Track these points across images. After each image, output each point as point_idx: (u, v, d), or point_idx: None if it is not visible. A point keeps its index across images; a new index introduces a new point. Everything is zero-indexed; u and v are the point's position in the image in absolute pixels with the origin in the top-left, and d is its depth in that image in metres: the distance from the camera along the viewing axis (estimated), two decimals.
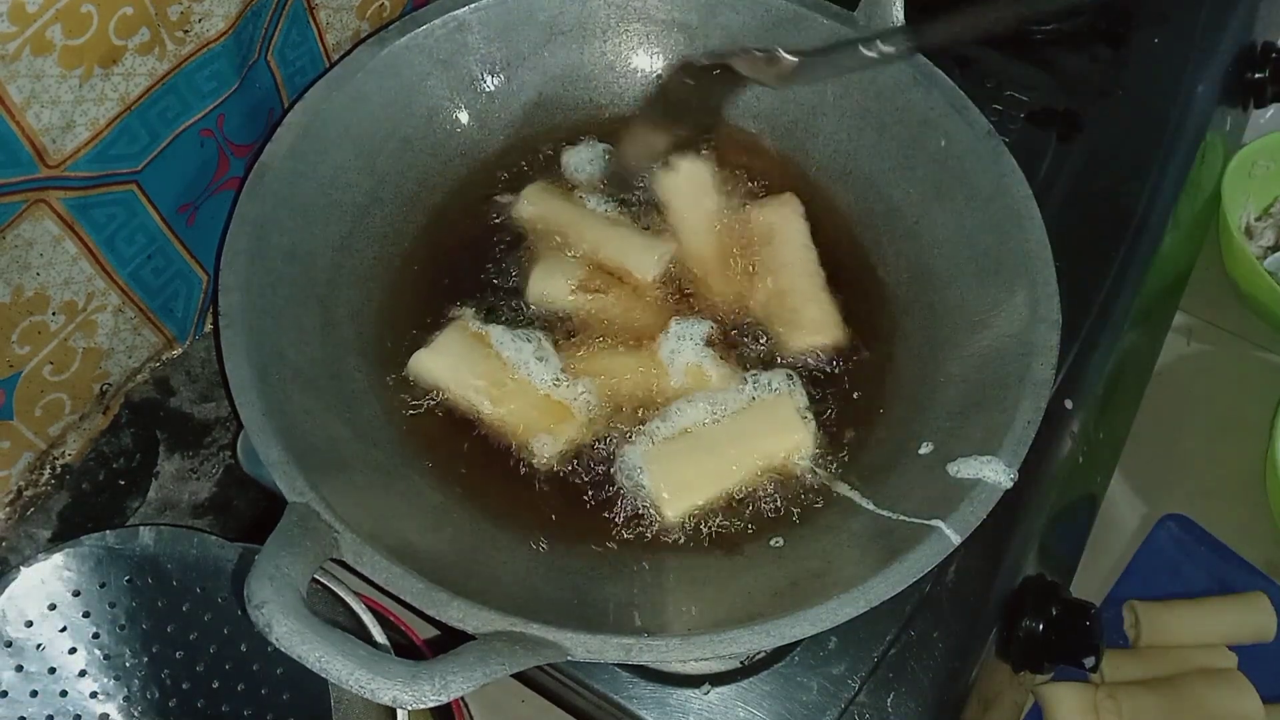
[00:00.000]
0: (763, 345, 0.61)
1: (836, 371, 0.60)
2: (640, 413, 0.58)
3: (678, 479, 0.55)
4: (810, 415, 0.58)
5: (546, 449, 0.57)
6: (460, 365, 0.58)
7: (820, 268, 0.63)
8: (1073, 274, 0.56)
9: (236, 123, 0.59)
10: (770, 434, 0.56)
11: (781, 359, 0.60)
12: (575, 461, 0.57)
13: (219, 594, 0.54)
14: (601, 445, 0.58)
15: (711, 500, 0.56)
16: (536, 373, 0.58)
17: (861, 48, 0.57)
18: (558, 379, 0.58)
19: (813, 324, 0.61)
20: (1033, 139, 0.76)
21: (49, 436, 0.56)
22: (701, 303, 0.62)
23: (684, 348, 0.59)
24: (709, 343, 0.60)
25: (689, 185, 0.66)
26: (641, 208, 0.66)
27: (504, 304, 0.62)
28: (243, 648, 0.56)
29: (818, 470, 0.56)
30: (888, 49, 0.56)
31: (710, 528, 0.55)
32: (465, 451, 0.57)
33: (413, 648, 0.58)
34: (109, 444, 0.60)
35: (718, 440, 0.57)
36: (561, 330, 0.61)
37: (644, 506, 0.55)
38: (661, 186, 0.66)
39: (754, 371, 0.59)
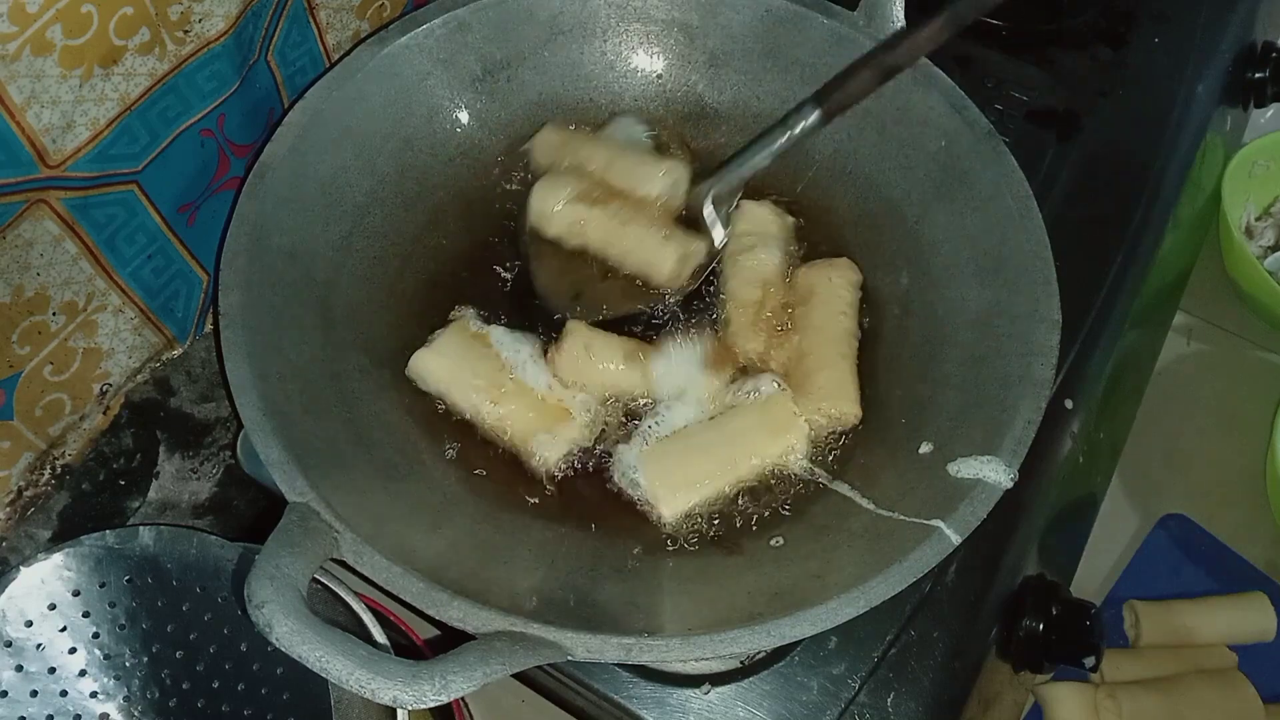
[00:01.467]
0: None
1: None
2: (637, 407, 0.59)
3: (674, 479, 0.55)
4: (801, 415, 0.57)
5: (546, 450, 0.57)
6: (459, 366, 0.58)
7: (853, 339, 0.61)
8: (1073, 274, 0.56)
9: (237, 123, 0.59)
10: (765, 433, 0.56)
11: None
12: (574, 462, 0.57)
13: (219, 594, 0.54)
14: (600, 445, 0.58)
15: (708, 499, 0.56)
16: (533, 374, 0.58)
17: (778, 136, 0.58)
18: (553, 381, 0.58)
19: (822, 391, 0.58)
20: (1033, 139, 0.75)
21: (49, 436, 0.56)
22: (724, 352, 0.61)
23: (675, 370, 0.59)
24: (704, 363, 0.59)
25: (750, 225, 0.65)
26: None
27: (504, 304, 0.62)
28: (243, 647, 0.56)
29: (815, 469, 0.56)
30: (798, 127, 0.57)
31: (710, 528, 0.55)
32: (465, 451, 0.58)
33: (413, 647, 0.58)
34: (109, 444, 0.60)
35: (712, 440, 0.57)
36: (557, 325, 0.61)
37: (642, 506, 0.56)
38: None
39: (739, 381, 0.59)
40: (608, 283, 0.62)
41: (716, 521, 0.55)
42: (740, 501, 0.56)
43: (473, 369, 0.58)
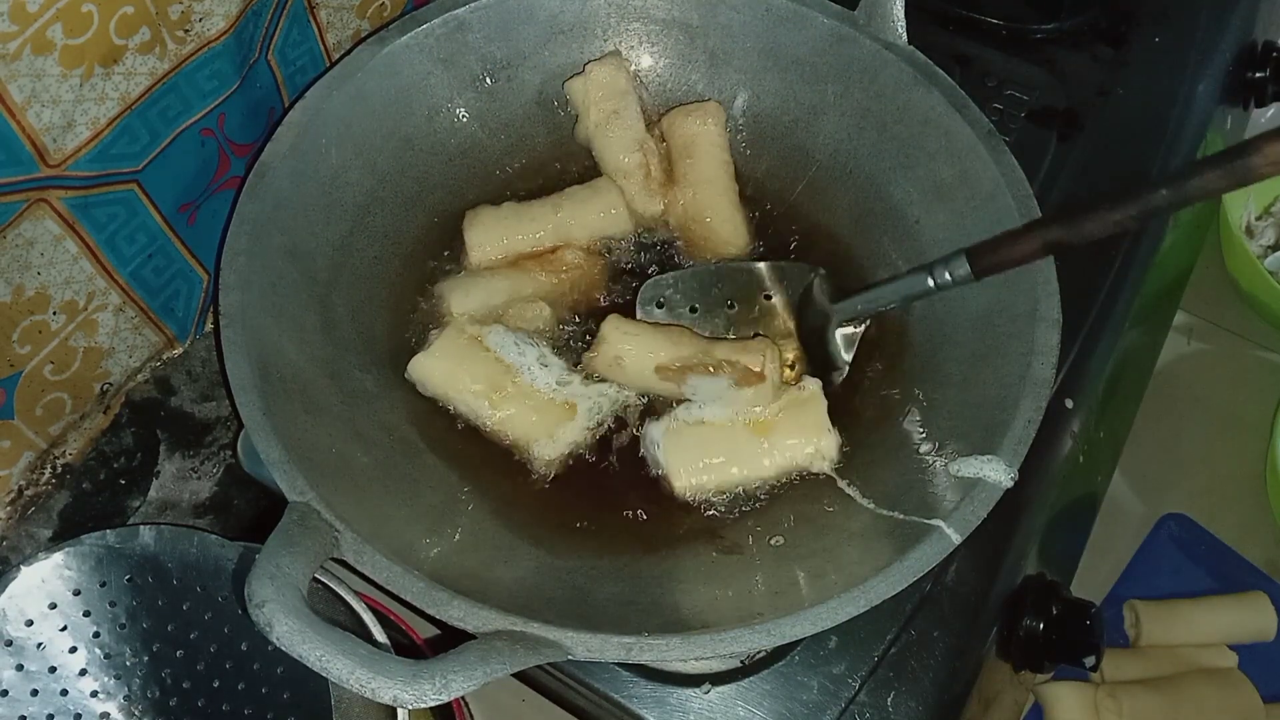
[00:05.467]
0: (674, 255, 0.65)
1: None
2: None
3: (692, 455, 0.56)
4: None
5: (546, 452, 0.57)
6: (458, 369, 0.58)
7: (734, 178, 0.66)
8: (1073, 274, 0.56)
9: (237, 122, 0.59)
10: (797, 436, 0.56)
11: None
12: (576, 463, 0.57)
13: (219, 593, 0.54)
14: (613, 434, 0.58)
15: (723, 484, 0.56)
16: (540, 377, 0.58)
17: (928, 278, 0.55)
18: (561, 381, 0.58)
19: (725, 243, 0.64)
20: (1033, 138, 0.75)
21: (50, 436, 0.56)
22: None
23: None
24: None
25: (603, 91, 0.66)
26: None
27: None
28: (243, 647, 0.56)
29: (837, 477, 0.56)
30: (946, 277, 0.55)
31: (711, 528, 0.55)
32: (466, 452, 0.58)
33: (413, 647, 0.58)
34: (110, 443, 0.60)
35: (739, 432, 0.56)
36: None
37: (655, 475, 0.56)
38: (572, 93, 0.67)
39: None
40: None
41: (717, 520, 0.55)
42: (748, 496, 0.56)
43: (471, 372, 0.58)
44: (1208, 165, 0.46)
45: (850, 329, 0.60)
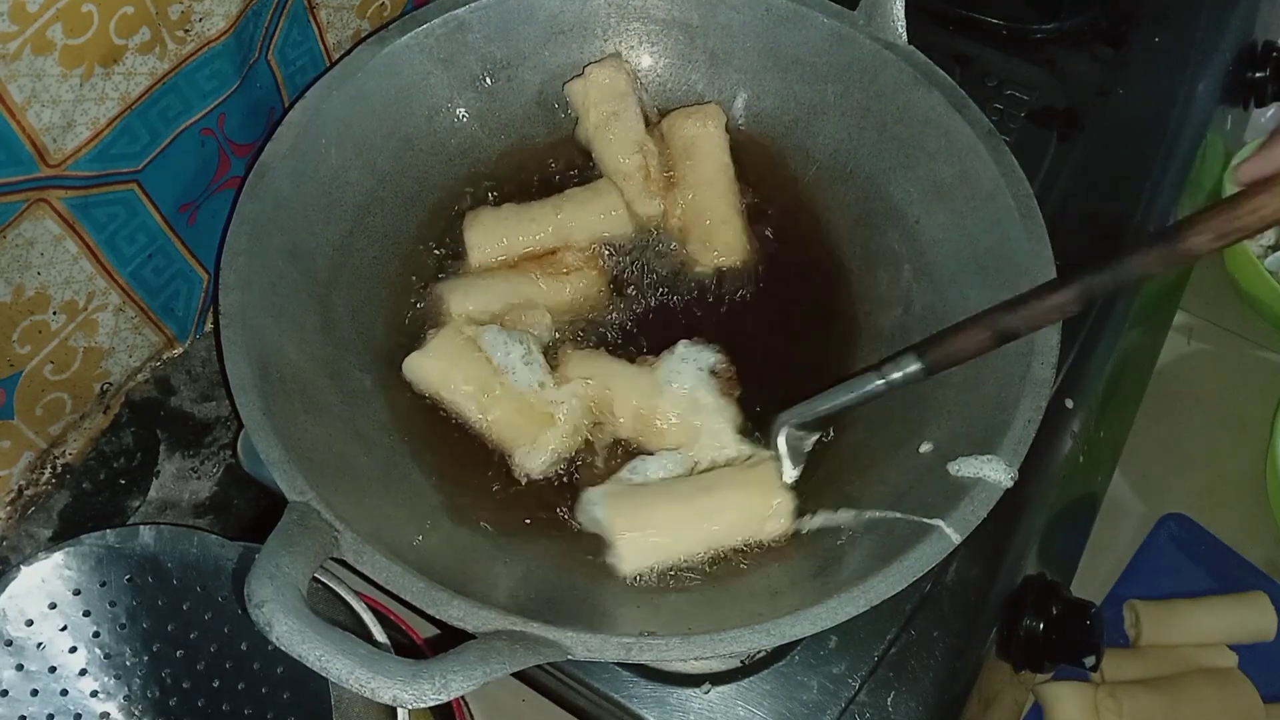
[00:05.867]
0: (673, 257, 0.65)
1: (837, 371, 0.60)
2: (620, 433, 0.58)
3: (640, 531, 0.53)
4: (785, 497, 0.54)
5: (529, 459, 0.56)
6: (451, 370, 0.58)
7: (735, 181, 0.66)
8: None
9: (237, 122, 0.59)
10: (747, 511, 0.53)
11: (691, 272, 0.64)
12: (571, 465, 0.57)
13: (219, 593, 0.54)
14: (593, 449, 0.58)
15: (674, 560, 0.53)
16: (523, 377, 0.58)
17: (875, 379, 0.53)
18: (542, 383, 0.58)
19: (725, 247, 0.64)
20: (1033, 138, 0.75)
21: (50, 436, 0.56)
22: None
23: (686, 370, 0.58)
24: (713, 372, 0.58)
25: (603, 93, 0.66)
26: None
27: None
28: (243, 646, 0.56)
29: (790, 533, 0.54)
30: (896, 375, 0.53)
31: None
32: (464, 452, 0.57)
33: (413, 647, 0.58)
34: (110, 443, 0.60)
35: (689, 500, 0.53)
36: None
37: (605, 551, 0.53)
38: (572, 95, 0.67)
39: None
40: None
41: None
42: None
43: (464, 373, 0.57)
44: (1146, 244, 0.46)
45: (799, 436, 0.56)
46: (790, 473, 0.56)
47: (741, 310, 0.63)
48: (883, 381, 0.53)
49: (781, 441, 0.56)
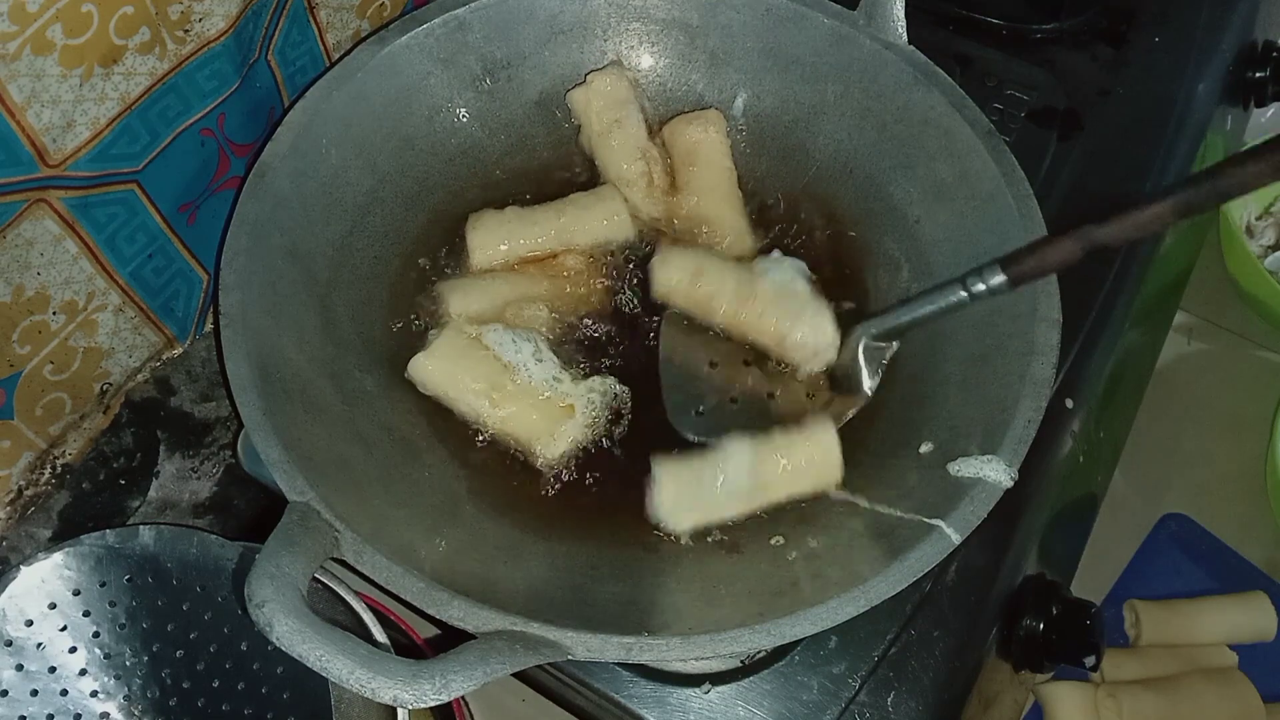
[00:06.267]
0: None
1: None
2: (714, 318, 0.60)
3: (688, 499, 0.54)
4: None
5: (548, 450, 0.57)
6: (458, 370, 0.58)
7: (737, 184, 0.66)
8: (1073, 273, 0.56)
9: (237, 122, 0.59)
10: (806, 475, 0.55)
11: None
12: (577, 461, 0.57)
13: (219, 593, 0.54)
14: (608, 443, 0.58)
15: (724, 520, 0.55)
16: (537, 374, 0.58)
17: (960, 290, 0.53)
18: (558, 378, 0.58)
19: (730, 249, 0.64)
20: (1033, 138, 0.75)
21: (49, 436, 0.56)
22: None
23: (781, 266, 0.59)
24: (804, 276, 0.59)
25: (604, 101, 0.66)
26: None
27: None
28: (243, 646, 0.56)
29: (849, 493, 0.55)
30: (980, 287, 0.52)
31: (711, 527, 0.55)
32: (465, 451, 0.58)
33: (413, 647, 0.58)
34: (109, 443, 0.60)
35: (749, 470, 0.54)
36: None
37: (649, 510, 0.55)
38: (573, 103, 0.67)
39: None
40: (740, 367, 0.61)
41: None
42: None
43: (471, 372, 0.58)
44: (1248, 159, 0.45)
45: (878, 347, 0.57)
46: (868, 382, 0.57)
47: None
48: (965, 293, 0.53)
49: (860, 351, 0.57)
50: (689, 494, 0.54)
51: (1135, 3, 0.84)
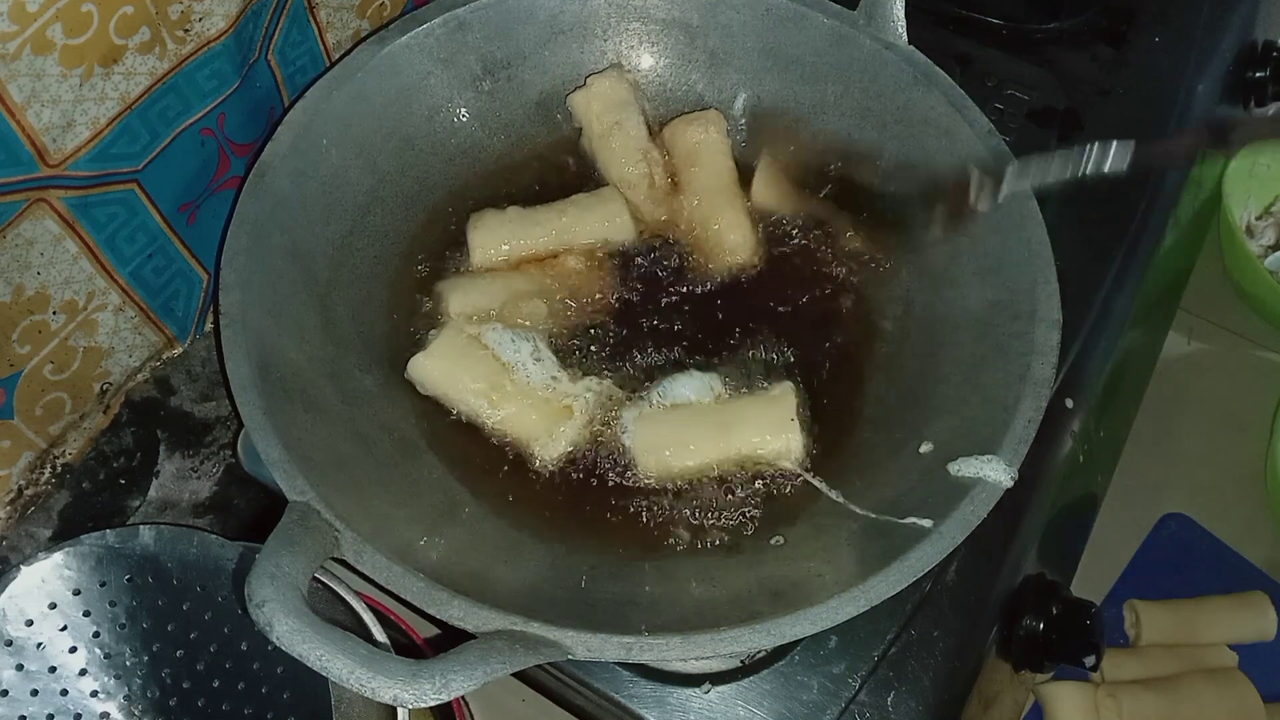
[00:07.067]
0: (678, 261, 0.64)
1: (838, 371, 0.60)
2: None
3: (659, 441, 0.56)
4: (798, 421, 0.56)
5: (546, 450, 0.57)
6: (458, 369, 0.58)
7: (738, 180, 0.66)
8: (1073, 274, 0.56)
9: (237, 122, 0.59)
10: (761, 430, 0.56)
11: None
12: (576, 461, 0.57)
13: (219, 593, 0.54)
14: (605, 433, 0.58)
15: (689, 470, 0.56)
16: (535, 374, 0.58)
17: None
18: (556, 378, 0.58)
19: (734, 247, 0.64)
20: (1033, 138, 0.75)
21: (49, 435, 0.56)
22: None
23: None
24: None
25: (605, 103, 0.66)
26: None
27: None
28: (243, 646, 0.56)
29: (810, 474, 0.56)
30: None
31: (711, 527, 0.55)
32: (466, 451, 0.57)
33: (413, 646, 0.58)
34: (109, 443, 0.60)
35: (708, 418, 0.57)
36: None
37: (627, 465, 0.57)
38: (574, 106, 0.67)
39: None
40: None
41: (717, 518, 0.55)
42: (739, 494, 0.56)
43: (470, 372, 0.58)
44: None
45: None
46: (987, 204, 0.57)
47: (744, 310, 0.63)
48: (1087, 159, 0.53)
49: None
50: (661, 431, 0.56)
51: (1135, 3, 0.84)
